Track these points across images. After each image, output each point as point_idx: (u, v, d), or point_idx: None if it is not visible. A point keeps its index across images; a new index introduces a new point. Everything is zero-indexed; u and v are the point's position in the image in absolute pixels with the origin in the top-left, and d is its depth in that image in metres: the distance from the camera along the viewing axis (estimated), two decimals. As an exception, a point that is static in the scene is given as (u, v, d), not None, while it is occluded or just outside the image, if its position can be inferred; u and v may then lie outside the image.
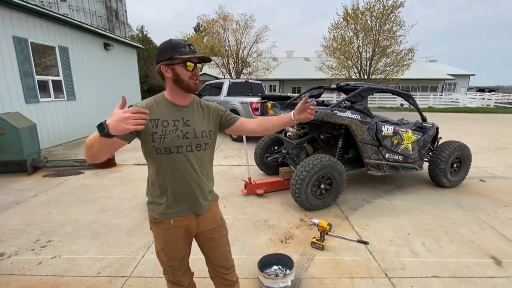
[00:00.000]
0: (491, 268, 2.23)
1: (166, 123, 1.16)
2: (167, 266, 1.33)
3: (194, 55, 1.15)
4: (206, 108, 1.33)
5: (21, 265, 2.23)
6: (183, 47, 1.15)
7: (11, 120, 4.35)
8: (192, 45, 1.18)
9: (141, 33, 36.43)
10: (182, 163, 1.19)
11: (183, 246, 1.31)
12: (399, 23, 14.85)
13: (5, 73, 5.49)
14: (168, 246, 1.28)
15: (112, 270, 2.18)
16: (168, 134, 1.16)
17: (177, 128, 1.18)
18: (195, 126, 1.23)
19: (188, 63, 1.15)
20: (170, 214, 1.23)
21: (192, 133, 1.21)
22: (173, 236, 1.26)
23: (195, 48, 1.19)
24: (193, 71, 1.17)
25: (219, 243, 1.39)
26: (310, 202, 3.17)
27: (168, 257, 1.30)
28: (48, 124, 6.58)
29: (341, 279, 2.09)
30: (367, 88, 3.68)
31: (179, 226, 1.25)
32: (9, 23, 5.59)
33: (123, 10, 23.87)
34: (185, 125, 1.20)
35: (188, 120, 1.22)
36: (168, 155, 1.17)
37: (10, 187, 3.98)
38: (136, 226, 2.87)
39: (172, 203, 1.22)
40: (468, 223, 3.00)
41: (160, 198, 1.23)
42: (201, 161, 1.26)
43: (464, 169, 4.09)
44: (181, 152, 1.19)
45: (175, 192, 1.21)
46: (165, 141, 1.15)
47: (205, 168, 1.29)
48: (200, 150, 1.24)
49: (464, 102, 21.30)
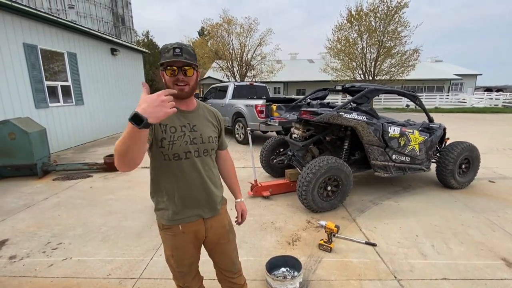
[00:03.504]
0: (502, 270, 2.20)
1: (173, 129, 1.15)
2: (176, 272, 1.32)
3: (171, 60, 1.08)
4: (212, 114, 1.32)
5: (33, 267, 2.28)
6: (167, 52, 1.09)
7: (22, 125, 4.45)
8: (180, 47, 1.09)
9: (147, 38, 36.92)
10: (190, 169, 1.19)
11: (193, 252, 1.30)
12: (404, 24, 14.79)
13: (15, 79, 5.62)
14: (177, 252, 1.26)
15: (122, 272, 2.21)
16: (177, 140, 1.14)
17: (185, 134, 1.17)
18: (202, 132, 1.22)
19: (168, 68, 1.09)
20: (179, 220, 1.21)
21: (200, 138, 1.20)
22: (182, 242, 1.25)
23: (183, 51, 1.09)
24: (176, 76, 1.10)
25: (226, 248, 1.38)
26: (317, 204, 3.17)
27: (178, 263, 1.29)
28: (57, 128, 6.70)
29: (349, 281, 2.08)
30: (373, 89, 3.67)
31: (187, 232, 1.24)
32: (19, 30, 5.73)
33: (129, 16, 24.24)
34: (192, 130, 1.19)
35: (195, 125, 1.21)
36: (176, 161, 1.16)
37: (21, 191, 4.06)
38: (145, 228, 2.90)
39: (180, 209, 1.21)
40: (477, 224, 2.96)
41: (168, 204, 1.21)
42: (208, 166, 1.25)
43: (473, 170, 4.04)
44: (189, 158, 1.18)
45: (183, 198, 1.20)
46: (174, 147, 1.14)
47: (212, 173, 1.29)
48: (207, 156, 1.24)
49: (472, 102, 21.00)
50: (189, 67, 1.11)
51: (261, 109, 6.56)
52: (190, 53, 1.12)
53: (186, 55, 1.10)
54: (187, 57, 1.10)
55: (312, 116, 3.34)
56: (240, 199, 1.51)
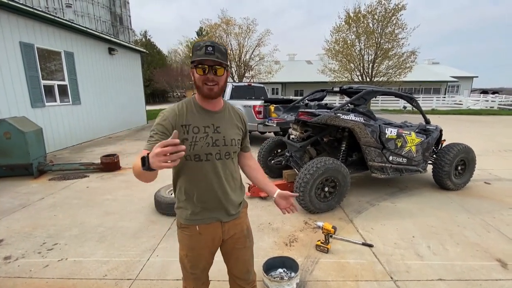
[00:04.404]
0: (497, 271, 2.22)
1: (196, 130, 1.13)
2: (189, 273, 1.29)
3: (202, 58, 1.05)
4: (238, 115, 1.29)
5: (28, 268, 2.26)
6: (199, 49, 1.07)
7: (18, 124, 4.41)
8: (212, 46, 1.06)
9: (145, 38, 36.79)
10: (209, 171, 1.16)
11: (207, 256, 1.28)
12: (401, 26, 14.90)
13: (11, 78, 5.58)
14: (192, 253, 1.25)
15: (118, 273, 2.19)
16: (199, 141, 1.12)
17: (207, 135, 1.14)
18: (225, 134, 1.19)
19: (198, 66, 1.07)
20: (196, 220, 1.20)
21: (222, 140, 1.17)
22: (198, 244, 1.23)
23: (215, 49, 1.06)
24: (206, 74, 1.08)
25: (242, 254, 1.34)
26: (314, 205, 3.17)
27: (191, 264, 1.26)
28: (53, 128, 6.66)
29: (346, 282, 2.09)
30: (370, 91, 3.69)
31: (204, 234, 1.22)
32: (16, 29, 5.69)
33: (127, 15, 24.17)
34: (215, 132, 1.16)
35: (219, 126, 1.18)
36: (197, 162, 1.15)
37: (17, 191, 4.02)
38: (142, 229, 2.88)
39: (198, 210, 1.19)
40: (473, 225, 2.98)
41: (187, 204, 1.20)
42: (229, 169, 1.22)
43: (469, 171, 4.07)
44: (210, 159, 1.16)
45: (201, 199, 1.19)
46: (196, 148, 1.12)
47: (232, 177, 1.25)
48: (228, 158, 1.21)
49: (468, 104, 21.17)
50: (220, 67, 1.09)
51: (259, 110, 6.56)
52: (222, 52, 1.09)
53: (218, 54, 1.07)
54: (218, 56, 1.07)
55: (310, 117, 3.35)
56: (276, 191, 1.33)
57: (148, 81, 29.40)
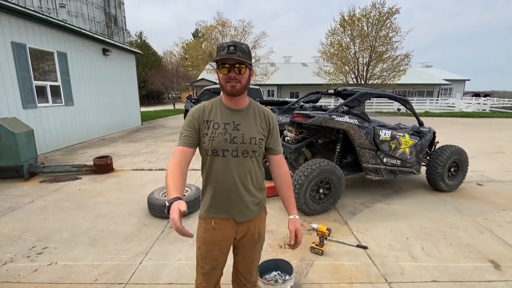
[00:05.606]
0: (490, 272, 2.23)
1: (217, 125, 1.18)
2: (199, 266, 1.31)
3: (224, 57, 1.09)
4: (263, 114, 1.27)
5: (17, 273, 2.20)
6: (222, 50, 1.11)
7: (8, 126, 4.33)
8: (234, 45, 1.10)
9: (140, 39, 36.65)
10: (223, 168, 1.18)
11: (217, 254, 1.28)
12: (395, 29, 15.07)
13: (2, 79, 5.48)
14: (204, 247, 1.27)
15: (110, 277, 2.15)
16: (217, 136, 1.16)
17: (226, 132, 1.17)
18: (244, 131, 1.19)
19: (222, 65, 1.12)
20: (212, 214, 1.24)
21: (241, 138, 1.18)
22: (210, 238, 1.26)
23: (237, 49, 1.10)
24: (228, 73, 1.12)
25: (248, 255, 1.37)
26: (309, 207, 3.17)
27: (202, 257, 1.29)
28: (45, 129, 6.55)
29: (340, 285, 2.08)
30: (365, 93, 3.71)
31: (218, 230, 1.24)
32: (8, 29, 5.60)
33: (122, 16, 24.03)
34: (234, 129, 1.19)
35: (239, 124, 1.20)
36: (214, 157, 1.18)
37: (6, 193, 3.94)
38: (134, 232, 2.84)
39: (214, 204, 1.23)
40: (466, 227, 3.00)
41: (206, 197, 1.26)
42: (246, 168, 1.21)
43: (462, 173, 4.11)
44: (226, 156, 1.17)
45: (215, 194, 1.22)
46: (213, 143, 1.16)
47: (247, 176, 1.22)
48: (246, 157, 1.20)
49: (460, 107, 21.48)
50: (242, 65, 1.12)
51: None
52: (244, 51, 1.13)
53: (239, 53, 1.10)
54: (240, 55, 1.10)
55: (304, 119, 3.35)
56: (293, 216, 1.30)
57: (143, 82, 29.24)
